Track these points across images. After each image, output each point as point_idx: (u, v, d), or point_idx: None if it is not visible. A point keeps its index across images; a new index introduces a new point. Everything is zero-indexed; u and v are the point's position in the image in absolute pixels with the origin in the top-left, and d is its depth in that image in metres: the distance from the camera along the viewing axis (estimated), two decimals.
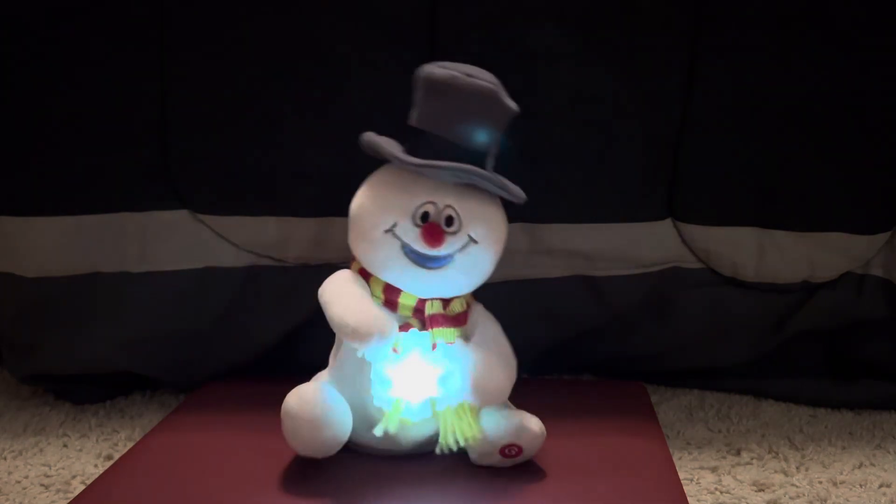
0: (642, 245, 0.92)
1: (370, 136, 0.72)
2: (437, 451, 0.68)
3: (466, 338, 0.72)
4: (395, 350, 0.67)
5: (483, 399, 0.68)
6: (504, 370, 0.70)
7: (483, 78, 0.69)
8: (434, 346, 0.68)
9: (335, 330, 0.68)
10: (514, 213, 0.91)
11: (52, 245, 0.87)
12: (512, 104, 0.70)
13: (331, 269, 0.74)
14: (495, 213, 0.72)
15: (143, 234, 0.88)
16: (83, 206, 0.87)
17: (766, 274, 0.93)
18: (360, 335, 0.65)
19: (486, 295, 0.74)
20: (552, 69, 0.87)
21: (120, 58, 0.85)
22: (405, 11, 0.85)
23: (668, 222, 0.92)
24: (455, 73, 0.68)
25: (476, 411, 0.69)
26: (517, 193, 0.71)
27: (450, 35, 0.86)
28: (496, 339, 0.72)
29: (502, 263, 0.90)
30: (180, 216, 0.89)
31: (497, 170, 0.72)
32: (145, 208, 0.88)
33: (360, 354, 0.66)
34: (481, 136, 0.70)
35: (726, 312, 0.94)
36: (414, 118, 0.71)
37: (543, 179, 0.89)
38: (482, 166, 0.69)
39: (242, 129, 0.87)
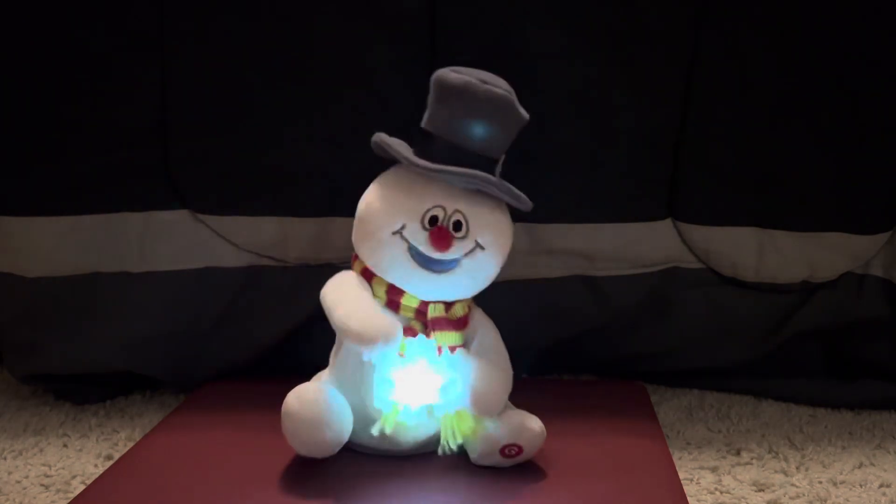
0: (642, 245, 0.92)
1: (382, 137, 0.72)
2: (439, 451, 0.69)
3: (467, 342, 0.72)
4: (400, 354, 0.67)
5: (481, 410, 0.69)
6: (502, 383, 0.71)
7: (498, 85, 0.70)
8: (440, 351, 0.69)
9: (339, 333, 0.68)
10: (514, 213, 0.91)
11: (52, 245, 0.87)
12: (524, 113, 0.71)
13: (331, 269, 0.74)
14: (502, 220, 0.73)
15: (143, 234, 0.89)
16: (83, 206, 0.87)
17: (766, 274, 0.93)
18: (365, 340, 0.65)
19: (486, 295, 0.74)
20: (552, 69, 0.87)
21: (120, 58, 0.85)
22: (405, 11, 0.85)
23: (668, 222, 0.92)
24: (470, 80, 0.69)
25: (473, 419, 0.69)
26: (525, 202, 0.72)
27: (449, 35, 0.86)
28: (496, 348, 0.73)
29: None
30: (180, 216, 0.89)
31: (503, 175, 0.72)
32: (145, 208, 0.88)
33: (365, 358, 0.66)
34: (493, 143, 0.70)
35: (726, 312, 0.94)
36: (426, 121, 0.71)
37: (543, 179, 0.89)
38: (492, 173, 0.70)
39: (242, 129, 0.87)
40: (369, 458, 0.72)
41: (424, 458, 0.72)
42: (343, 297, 0.69)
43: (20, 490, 0.72)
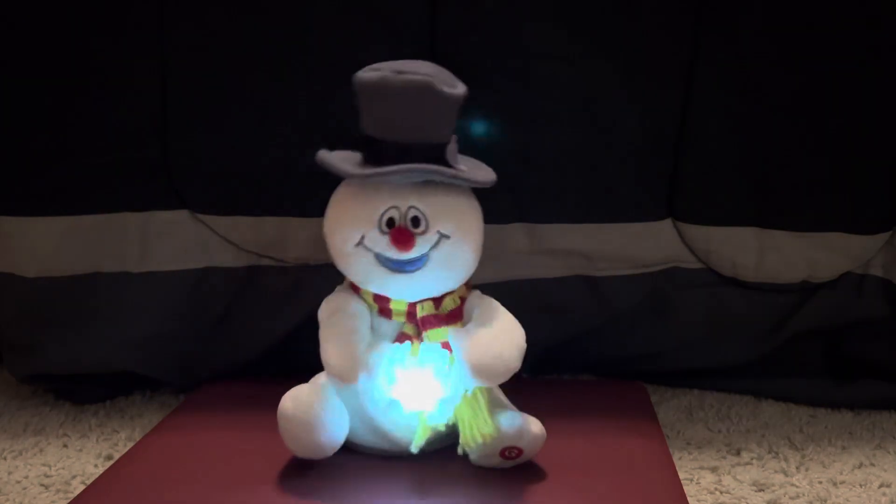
0: (642, 245, 0.92)
1: (322, 156, 0.70)
2: (459, 451, 0.69)
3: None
4: (413, 355, 0.67)
5: (485, 376, 0.66)
6: (501, 341, 0.68)
7: (416, 71, 0.66)
8: (445, 346, 0.68)
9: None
10: (514, 213, 0.91)
11: (52, 245, 0.87)
12: (451, 90, 0.66)
13: (331, 269, 0.74)
14: (462, 202, 0.70)
15: (144, 234, 0.89)
16: (83, 206, 0.87)
17: (766, 274, 0.93)
18: (345, 378, 0.67)
19: (486, 295, 0.74)
20: (552, 69, 0.87)
21: (120, 58, 0.85)
22: (405, 11, 0.85)
23: (668, 222, 0.92)
24: (384, 74, 0.66)
25: (487, 397, 0.68)
26: (482, 179, 0.69)
27: (449, 34, 0.86)
28: (493, 313, 0.70)
29: (502, 263, 0.90)
30: (180, 216, 0.89)
31: (494, 163, 0.71)
32: (145, 208, 0.88)
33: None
34: (429, 129, 0.67)
35: (726, 312, 0.94)
36: (362, 126, 0.70)
37: (543, 179, 0.89)
38: (442, 157, 0.68)
39: (242, 129, 0.87)
40: (369, 458, 0.72)
41: (424, 458, 0.72)
42: (329, 331, 0.69)
43: (20, 490, 0.72)
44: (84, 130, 0.86)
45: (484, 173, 0.71)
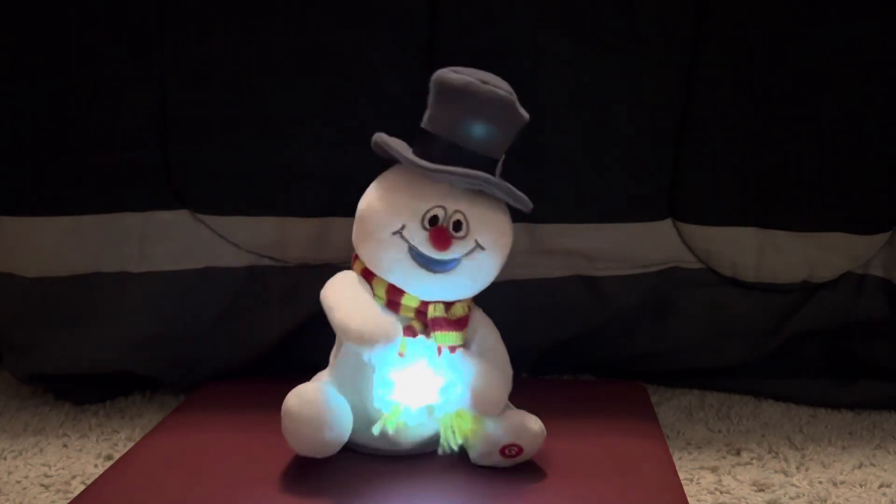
0: (642, 245, 0.92)
1: (382, 137, 0.72)
2: (439, 451, 0.69)
3: (467, 342, 0.72)
4: (400, 354, 0.67)
5: (481, 410, 0.69)
6: (502, 382, 0.70)
7: (499, 86, 0.69)
8: (440, 351, 0.69)
9: (339, 334, 0.68)
10: (514, 212, 0.91)
11: (52, 245, 0.87)
12: (524, 114, 0.71)
13: (331, 269, 0.74)
14: (503, 220, 0.72)
15: (144, 234, 0.89)
16: (83, 206, 0.87)
17: (766, 274, 0.93)
18: (365, 340, 0.65)
19: (486, 295, 0.74)
20: (552, 69, 0.87)
21: (120, 58, 0.85)
22: (405, 11, 0.85)
23: (668, 222, 0.92)
24: (470, 80, 0.68)
25: (473, 419, 0.69)
26: (525, 202, 0.72)
27: (450, 34, 0.86)
28: (495, 349, 0.73)
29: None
30: (180, 216, 0.89)
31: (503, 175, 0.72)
32: (145, 208, 0.88)
33: (365, 358, 0.66)
34: (493, 143, 0.70)
35: (726, 312, 0.94)
36: (426, 121, 0.71)
37: (543, 179, 0.89)
38: (492, 173, 0.70)
39: (242, 129, 0.87)
40: (369, 458, 0.72)
41: (424, 458, 0.72)
42: (343, 297, 0.69)
43: (20, 490, 0.72)
44: (84, 130, 0.86)
45: (525, 197, 0.73)
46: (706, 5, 0.87)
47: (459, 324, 0.71)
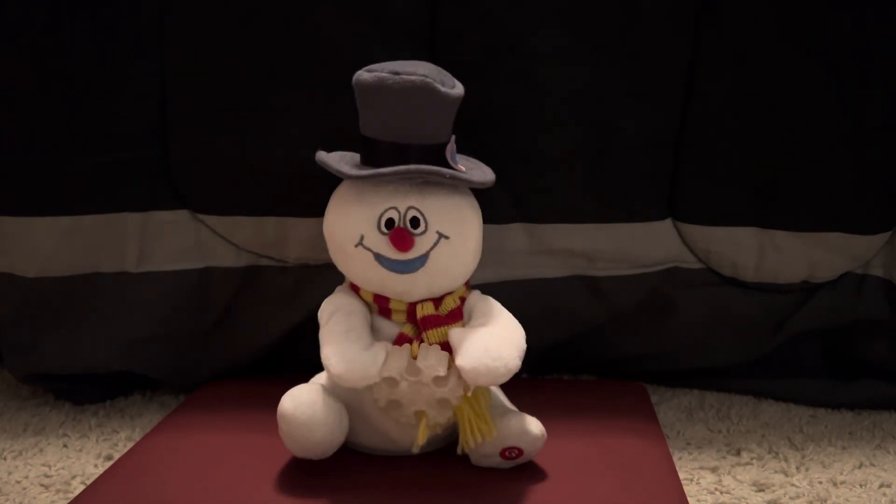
0: (642, 245, 0.92)
1: (321, 156, 0.71)
2: (459, 451, 0.69)
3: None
4: (413, 358, 0.67)
5: (485, 377, 0.65)
6: (501, 341, 0.66)
7: (413, 72, 0.66)
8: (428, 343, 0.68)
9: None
10: (514, 213, 0.91)
11: (52, 245, 0.87)
12: (448, 90, 0.67)
13: (331, 269, 0.74)
14: (461, 202, 0.70)
15: (143, 234, 0.89)
16: (83, 206, 0.87)
17: (766, 274, 0.93)
18: (344, 381, 0.66)
19: (486, 295, 0.74)
20: (552, 69, 0.87)
21: (120, 58, 0.85)
22: (405, 11, 0.85)
23: (668, 222, 0.92)
24: (381, 75, 0.66)
25: (488, 397, 0.68)
26: (480, 179, 0.70)
27: (450, 35, 0.85)
28: (493, 313, 0.70)
29: (502, 263, 0.90)
30: (180, 216, 0.89)
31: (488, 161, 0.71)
32: (145, 208, 0.88)
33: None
34: (429, 130, 0.68)
35: (726, 312, 0.94)
36: (361, 127, 0.70)
37: (543, 179, 0.89)
38: (441, 157, 0.68)
39: (242, 129, 0.87)
40: (369, 458, 0.72)
41: (424, 458, 0.72)
42: (330, 331, 0.68)
43: (20, 490, 0.72)
44: (84, 130, 0.86)
45: (482, 173, 0.71)
46: (706, 5, 0.87)
47: (452, 317, 0.70)
